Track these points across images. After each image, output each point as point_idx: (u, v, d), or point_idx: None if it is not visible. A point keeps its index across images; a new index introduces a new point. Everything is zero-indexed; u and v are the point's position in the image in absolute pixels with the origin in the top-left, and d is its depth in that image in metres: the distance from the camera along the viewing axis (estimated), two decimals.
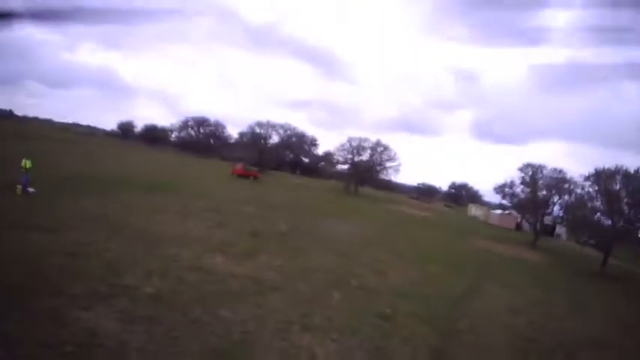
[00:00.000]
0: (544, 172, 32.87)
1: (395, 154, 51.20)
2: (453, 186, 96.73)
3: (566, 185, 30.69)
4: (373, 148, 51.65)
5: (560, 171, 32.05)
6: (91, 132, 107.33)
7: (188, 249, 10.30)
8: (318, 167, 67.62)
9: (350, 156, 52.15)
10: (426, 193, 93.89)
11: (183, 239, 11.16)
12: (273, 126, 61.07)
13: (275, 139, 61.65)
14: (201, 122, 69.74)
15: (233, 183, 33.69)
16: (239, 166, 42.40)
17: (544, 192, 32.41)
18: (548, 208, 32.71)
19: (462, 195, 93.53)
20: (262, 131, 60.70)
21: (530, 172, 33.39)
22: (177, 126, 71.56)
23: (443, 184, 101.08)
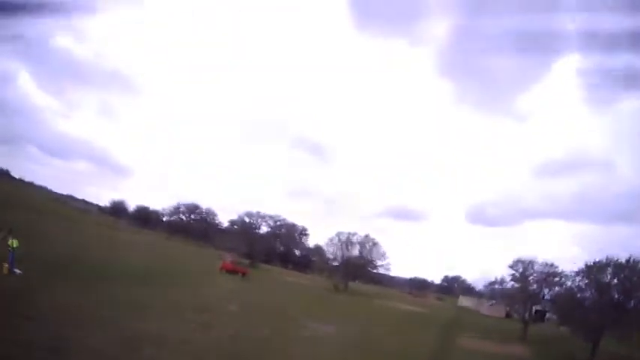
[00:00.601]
0: (535, 267, 33.66)
1: (384, 253, 51.52)
2: (446, 279, 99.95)
3: (557, 279, 31.27)
4: (362, 244, 51.88)
5: (552, 265, 32.84)
6: (86, 208, 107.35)
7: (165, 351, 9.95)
8: (310, 261, 67.10)
9: (339, 252, 52.16)
10: (418, 286, 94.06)
11: (160, 341, 10.81)
12: (262, 217, 62.06)
13: (265, 229, 62.45)
14: (192, 209, 70.89)
15: (221, 278, 33.05)
16: (228, 260, 41.86)
17: (534, 286, 32.94)
18: (537, 300, 33.44)
19: (454, 287, 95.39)
20: (252, 221, 61.40)
21: (521, 269, 34.04)
22: (168, 210, 72.50)
23: (436, 277, 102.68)
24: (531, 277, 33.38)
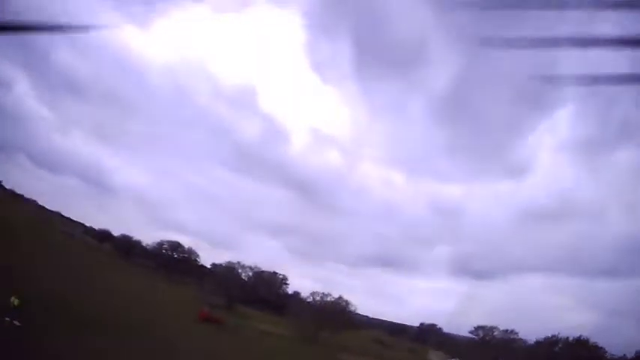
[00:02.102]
0: (494, 333, 35.92)
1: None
2: (422, 327, 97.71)
3: (514, 345, 33.60)
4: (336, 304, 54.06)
5: (512, 331, 35.06)
6: (72, 229, 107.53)
7: None
8: (289, 306, 68.96)
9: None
10: (395, 332, 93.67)
11: None
12: (242, 267, 64.54)
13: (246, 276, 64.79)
14: (175, 247, 73.26)
15: (198, 328, 34.57)
16: (206, 310, 43.49)
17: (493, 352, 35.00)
18: None
19: (429, 336, 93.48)
20: (234, 269, 63.75)
21: (482, 334, 36.52)
22: (152, 246, 74.50)
23: (415, 321, 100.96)
24: (491, 343, 35.83)
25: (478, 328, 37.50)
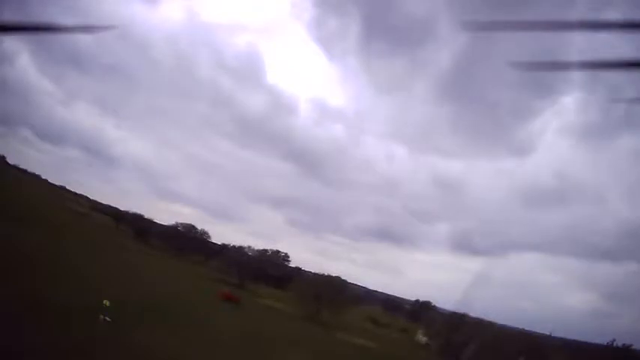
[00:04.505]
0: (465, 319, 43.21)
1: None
2: (417, 304, 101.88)
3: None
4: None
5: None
6: (84, 209, 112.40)
7: None
8: (291, 280, 76.54)
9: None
10: (391, 307, 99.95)
11: None
12: (249, 247, 72.25)
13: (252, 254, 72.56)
14: (189, 228, 79.77)
15: (222, 305, 41.13)
16: (226, 290, 50.09)
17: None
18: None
19: (424, 314, 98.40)
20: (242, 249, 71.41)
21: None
22: (167, 227, 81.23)
23: (412, 295, 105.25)
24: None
25: (453, 314, 44.08)
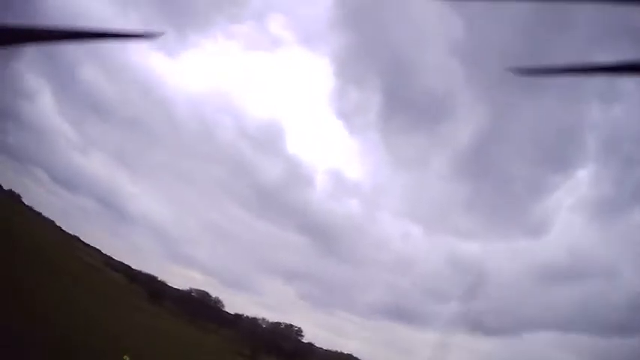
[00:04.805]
0: None
1: None
2: None
3: None
4: None
5: None
6: (97, 262, 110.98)
7: None
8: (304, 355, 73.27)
9: None
10: None
11: None
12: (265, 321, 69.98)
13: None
14: (203, 295, 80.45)
15: None
16: None
17: None
18: None
19: None
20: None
21: None
22: (182, 292, 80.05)
23: None
24: None
25: None
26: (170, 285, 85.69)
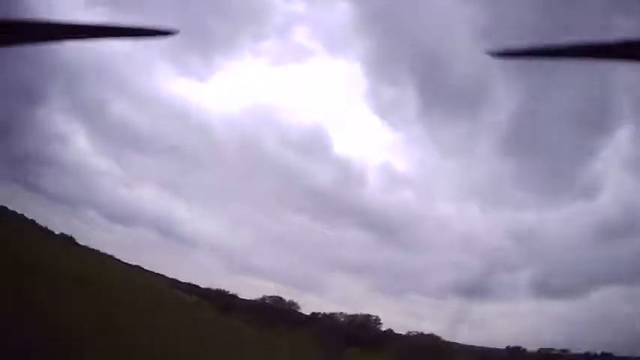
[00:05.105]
0: None
1: None
2: (508, 350, 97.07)
3: None
4: None
5: None
6: (173, 293, 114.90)
7: None
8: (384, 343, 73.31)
9: None
10: (484, 357, 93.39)
11: None
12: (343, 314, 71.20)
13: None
14: (277, 301, 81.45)
15: None
16: None
17: None
18: None
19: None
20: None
21: None
22: (255, 301, 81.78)
23: (501, 344, 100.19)
24: None
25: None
26: (241, 297, 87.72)
